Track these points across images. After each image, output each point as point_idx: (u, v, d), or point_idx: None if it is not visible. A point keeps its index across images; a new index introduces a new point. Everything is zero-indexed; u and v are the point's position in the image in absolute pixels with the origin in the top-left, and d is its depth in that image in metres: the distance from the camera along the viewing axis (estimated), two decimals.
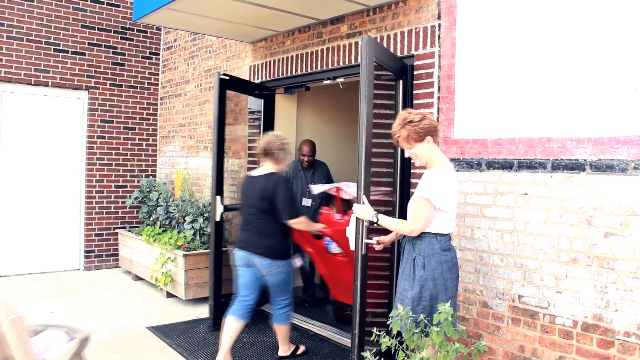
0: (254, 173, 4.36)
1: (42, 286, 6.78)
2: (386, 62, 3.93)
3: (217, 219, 5.28)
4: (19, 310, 2.67)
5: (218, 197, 5.24)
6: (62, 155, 7.71)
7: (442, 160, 3.24)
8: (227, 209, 5.42)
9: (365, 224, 3.41)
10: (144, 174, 8.29)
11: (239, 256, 4.29)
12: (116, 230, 7.99)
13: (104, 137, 7.97)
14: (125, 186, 8.17)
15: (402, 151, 4.05)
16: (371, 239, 3.46)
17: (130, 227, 8.10)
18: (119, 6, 8.04)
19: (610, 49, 3.16)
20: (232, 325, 4.23)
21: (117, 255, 8.01)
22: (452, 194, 3.16)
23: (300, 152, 5.94)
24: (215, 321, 5.16)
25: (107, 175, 8.02)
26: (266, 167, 4.28)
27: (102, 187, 7.97)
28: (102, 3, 7.90)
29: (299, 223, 4.20)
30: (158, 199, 7.42)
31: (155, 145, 8.46)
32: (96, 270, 7.86)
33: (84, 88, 7.80)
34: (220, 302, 5.27)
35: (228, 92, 5.54)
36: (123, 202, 8.11)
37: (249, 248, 4.19)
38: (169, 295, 6.39)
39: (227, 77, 5.32)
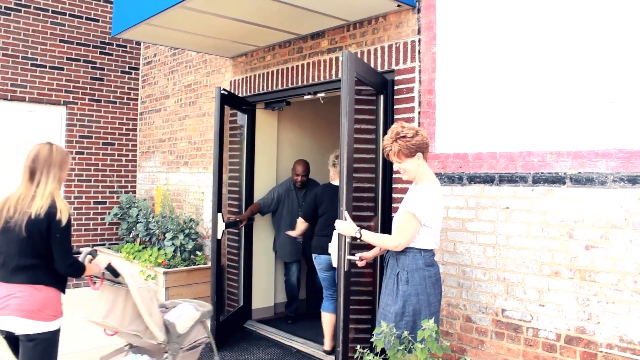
0: (334, 183, 4.96)
1: None
2: (366, 77, 3.94)
3: (219, 237, 5.20)
4: (146, 282, 3.68)
5: (219, 215, 5.16)
6: None
7: (430, 176, 3.24)
8: (226, 225, 5.34)
9: (347, 240, 3.39)
10: (123, 190, 8.20)
11: (325, 259, 4.76)
12: (95, 247, 7.86)
13: (82, 153, 7.86)
14: (105, 202, 8.06)
15: (384, 166, 4.07)
16: (354, 255, 3.44)
17: (109, 244, 7.99)
18: (98, 21, 7.98)
19: (588, 64, 3.20)
20: (331, 318, 4.80)
21: None
22: (438, 210, 3.16)
23: (293, 172, 5.92)
24: (220, 341, 5.05)
25: (85, 192, 7.91)
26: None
27: (81, 204, 7.86)
28: (81, 17, 7.84)
29: None
30: (138, 215, 7.32)
31: (135, 160, 8.37)
32: (74, 288, 7.71)
33: (62, 103, 7.70)
34: (221, 322, 5.23)
35: (209, 107, 5.51)
36: (102, 219, 7.99)
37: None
38: None
39: (226, 93, 5.30)
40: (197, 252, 6.42)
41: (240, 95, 5.99)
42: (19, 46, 7.33)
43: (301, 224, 5.21)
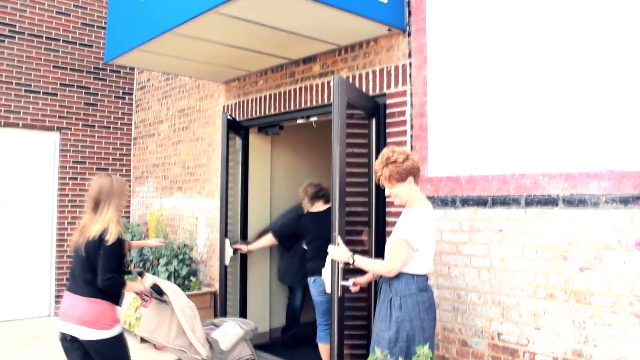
0: (314, 209, 4.97)
1: (9, 334, 6.55)
2: (358, 101, 3.96)
3: (227, 263, 5.16)
4: (189, 301, 3.93)
5: (227, 240, 5.13)
6: (32, 197, 7.55)
7: (421, 200, 3.23)
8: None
9: (340, 265, 3.37)
10: None
11: (322, 282, 4.49)
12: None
13: (76, 179, 7.84)
14: None
15: (378, 190, 4.06)
16: (347, 280, 3.42)
17: None
18: (91, 46, 8.02)
19: (577, 87, 3.23)
20: (327, 348, 4.60)
21: None
22: (431, 234, 3.14)
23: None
24: None
25: (79, 217, 7.76)
26: (320, 205, 4.94)
27: (74, 230, 7.78)
28: (75, 43, 7.87)
29: None
30: (132, 240, 7.27)
31: (129, 185, 8.35)
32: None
33: (55, 129, 7.70)
34: None
35: (202, 131, 5.52)
36: None
37: None
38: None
39: (232, 118, 5.32)
40: (191, 278, 6.37)
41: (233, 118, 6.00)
42: (13, 72, 7.35)
43: (270, 241, 5.15)
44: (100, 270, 3.39)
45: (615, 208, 3.04)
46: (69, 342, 3.48)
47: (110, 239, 3.40)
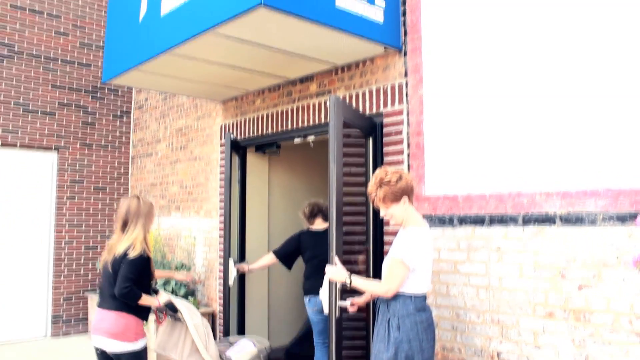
0: (313, 228, 5.02)
1: (4, 357, 6.48)
2: (355, 121, 3.97)
3: (231, 283, 5.12)
4: (203, 319, 4.03)
5: (231, 260, 5.11)
6: (29, 217, 7.54)
7: (417, 219, 3.22)
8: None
9: (338, 286, 3.36)
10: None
11: (318, 302, 4.51)
12: (86, 294, 7.77)
13: (73, 198, 7.83)
14: (96, 247, 7.99)
15: (375, 209, 4.05)
16: (345, 300, 3.40)
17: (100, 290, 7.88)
18: (89, 66, 8.06)
19: (573, 105, 3.24)
20: None
21: (86, 320, 7.75)
22: (427, 254, 3.13)
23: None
24: None
25: (76, 237, 7.85)
26: (320, 223, 4.97)
27: (72, 249, 7.79)
28: (73, 63, 7.91)
29: None
30: None
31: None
32: (64, 337, 7.58)
33: (53, 148, 7.71)
34: None
35: (200, 151, 5.52)
36: (93, 264, 7.91)
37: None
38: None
39: (234, 139, 5.34)
40: (189, 298, 6.34)
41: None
42: (11, 92, 7.38)
43: (270, 259, 5.13)
44: (118, 279, 3.59)
45: (612, 225, 3.04)
46: (101, 356, 3.73)
47: (133, 254, 3.62)
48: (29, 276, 7.50)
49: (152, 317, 4.06)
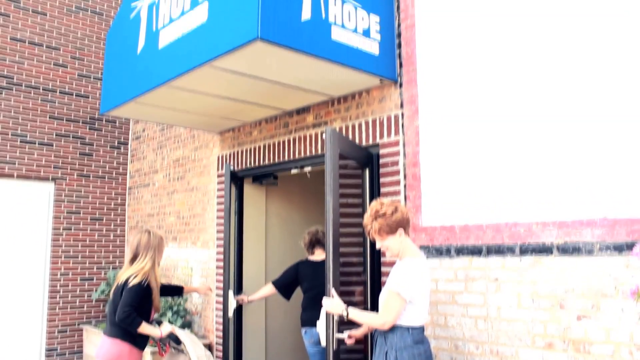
0: (312, 258, 4.99)
1: None
2: (351, 152, 4.00)
3: (230, 314, 5.08)
4: (206, 351, 4.04)
5: (231, 292, 5.08)
6: (25, 248, 7.50)
7: (413, 250, 3.22)
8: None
9: (335, 318, 3.34)
10: (111, 265, 8.09)
11: (315, 334, 4.49)
12: (81, 326, 7.68)
13: (70, 229, 7.81)
14: (92, 279, 7.93)
15: (371, 241, 4.05)
16: (342, 332, 3.38)
17: (96, 322, 7.80)
18: (87, 97, 8.11)
19: (568, 136, 3.27)
20: None
21: (81, 352, 7.65)
22: (424, 285, 3.12)
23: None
24: None
25: (72, 268, 7.79)
26: (319, 253, 4.94)
27: (67, 281, 7.73)
28: (71, 94, 7.97)
29: None
30: None
31: (123, 235, 8.31)
32: None
33: (50, 179, 7.71)
34: None
35: (197, 181, 5.53)
36: (89, 296, 7.84)
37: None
38: None
39: (233, 170, 5.36)
40: (186, 329, 6.28)
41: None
42: (9, 123, 7.40)
43: (269, 290, 5.10)
44: (119, 305, 3.71)
45: (609, 255, 3.04)
46: None
47: (134, 281, 3.77)
48: (23, 308, 7.42)
49: (150, 348, 4.08)
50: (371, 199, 4.14)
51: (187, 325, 6.33)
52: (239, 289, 5.71)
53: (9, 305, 7.31)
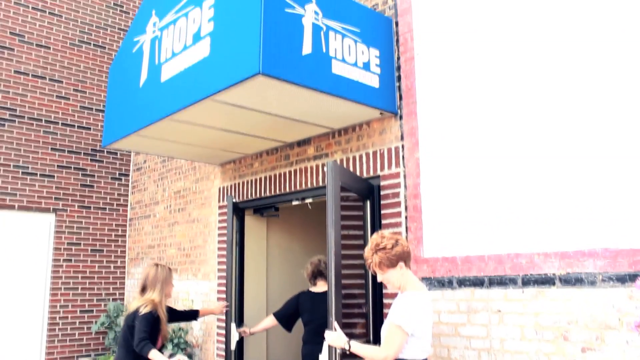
0: (314, 290, 4.88)
1: None
2: (352, 184, 4.01)
3: (232, 347, 5.04)
4: None
5: (233, 324, 5.04)
6: (24, 280, 7.46)
7: (415, 283, 3.21)
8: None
9: (338, 351, 3.32)
10: (111, 297, 8.05)
11: None
12: (80, 359, 7.60)
13: (70, 260, 7.78)
14: (91, 311, 7.88)
15: (372, 274, 4.05)
16: None
17: (95, 355, 7.73)
18: (89, 129, 8.17)
19: (568, 166, 3.29)
20: None
21: None
22: (426, 318, 3.11)
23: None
24: None
25: (72, 300, 7.75)
26: (321, 285, 4.82)
27: (67, 313, 7.68)
28: (73, 126, 8.02)
29: None
30: None
31: (124, 267, 8.29)
32: None
33: (51, 210, 7.72)
34: None
35: (198, 213, 5.54)
36: (88, 328, 7.78)
37: None
38: None
39: (236, 202, 5.37)
40: None
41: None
42: (11, 155, 7.45)
43: (271, 322, 5.05)
44: (135, 333, 3.96)
45: (612, 286, 3.03)
46: None
47: (144, 310, 4.01)
48: (21, 341, 7.36)
49: None
50: (372, 231, 4.15)
51: (188, 357, 6.27)
52: (240, 321, 5.67)
53: (7, 338, 7.24)
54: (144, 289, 4.21)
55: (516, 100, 3.58)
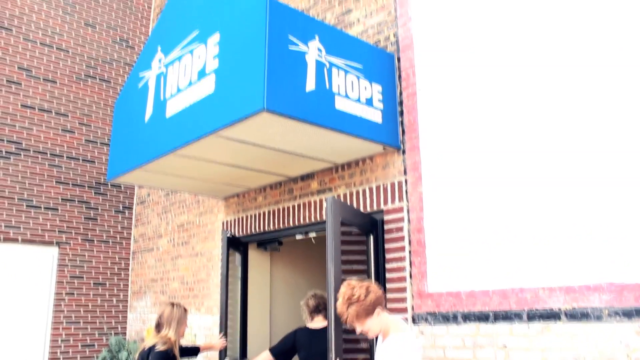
0: (311, 326, 4.72)
1: None
2: (353, 220, 4.03)
3: None
4: None
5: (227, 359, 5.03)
6: (26, 314, 7.42)
7: (397, 325, 3.17)
8: None
9: None
10: (113, 331, 7.98)
11: None
12: None
13: (72, 294, 7.75)
14: (93, 345, 7.81)
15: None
16: None
17: None
18: (93, 162, 8.22)
19: (572, 201, 3.30)
20: None
21: None
22: (414, 358, 3.06)
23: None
24: None
25: (74, 334, 7.69)
26: (319, 320, 4.68)
27: (68, 347, 7.61)
28: (78, 159, 8.08)
29: None
30: (128, 358, 7.08)
31: (126, 301, 8.24)
32: None
33: (54, 244, 7.72)
34: None
35: (201, 247, 5.54)
36: None
37: None
38: None
39: (231, 236, 5.38)
40: None
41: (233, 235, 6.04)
42: (16, 188, 7.48)
43: (266, 358, 5.00)
44: None
45: (619, 321, 3.01)
46: None
47: (161, 347, 4.10)
48: None
49: None
50: (376, 266, 4.15)
51: None
52: (243, 355, 5.62)
53: None
54: (158, 326, 4.29)
55: (519, 134, 3.61)
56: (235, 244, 5.73)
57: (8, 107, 7.58)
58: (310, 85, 3.81)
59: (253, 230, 5.74)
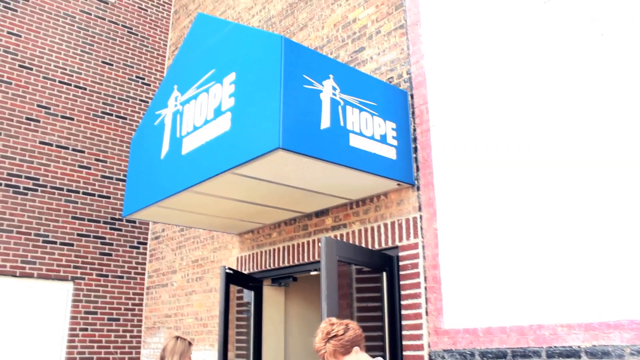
0: None
1: None
2: (356, 258, 4.03)
3: None
4: None
5: None
6: (39, 349, 7.40)
7: None
8: None
9: None
10: None
11: None
12: None
13: (86, 330, 7.74)
14: None
15: (393, 344, 3.99)
16: None
17: None
18: (109, 197, 8.29)
19: (589, 234, 3.28)
20: None
21: None
22: None
23: None
24: None
25: None
26: None
27: None
28: (93, 195, 8.15)
29: None
30: None
31: (140, 336, 8.21)
32: None
33: (69, 279, 7.75)
34: None
35: (216, 283, 5.53)
36: None
37: None
38: None
39: (232, 272, 5.37)
40: None
41: (247, 271, 6.04)
42: (33, 224, 7.55)
43: None
44: None
45: None
46: None
47: None
48: None
49: None
50: (391, 303, 4.12)
51: None
52: None
53: None
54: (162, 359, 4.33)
55: (530, 171, 3.62)
56: (244, 280, 5.69)
57: (27, 144, 7.71)
58: (325, 123, 3.86)
59: (267, 266, 5.74)
